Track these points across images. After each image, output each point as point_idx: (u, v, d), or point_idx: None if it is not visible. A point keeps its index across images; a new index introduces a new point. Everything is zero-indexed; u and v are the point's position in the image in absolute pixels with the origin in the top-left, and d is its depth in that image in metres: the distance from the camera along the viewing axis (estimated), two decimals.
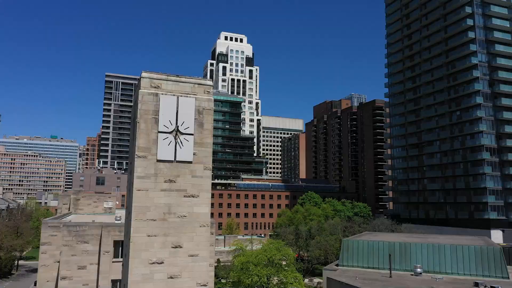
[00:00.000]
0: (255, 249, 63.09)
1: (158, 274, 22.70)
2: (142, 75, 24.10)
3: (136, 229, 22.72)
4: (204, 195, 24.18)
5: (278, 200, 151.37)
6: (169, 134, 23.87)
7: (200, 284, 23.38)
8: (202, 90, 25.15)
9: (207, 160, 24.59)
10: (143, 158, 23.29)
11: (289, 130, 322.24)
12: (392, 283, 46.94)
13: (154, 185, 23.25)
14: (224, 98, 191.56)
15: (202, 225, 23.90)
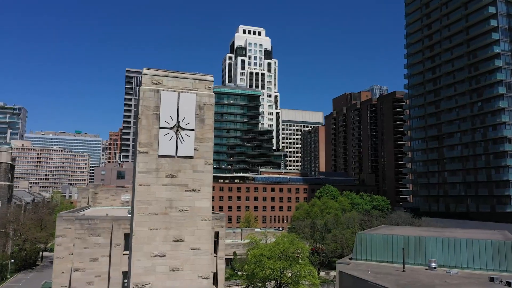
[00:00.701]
0: (269, 243, 63.38)
1: (160, 267, 23.23)
2: (143, 72, 24.50)
3: (138, 223, 23.27)
4: (205, 190, 24.52)
5: (296, 193, 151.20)
6: (170, 129, 24.25)
7: (202, 277, 23.79)
8: (203, 86, 25.38)
9: (208, 155, 24.87)
10: (145, 154, 23.77)
11: (309, 123, 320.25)
12: (405, 277, 46.47)
13: (156, 180, 23.72)
14: (242, 91, 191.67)
15: (203, 219, 24.27)
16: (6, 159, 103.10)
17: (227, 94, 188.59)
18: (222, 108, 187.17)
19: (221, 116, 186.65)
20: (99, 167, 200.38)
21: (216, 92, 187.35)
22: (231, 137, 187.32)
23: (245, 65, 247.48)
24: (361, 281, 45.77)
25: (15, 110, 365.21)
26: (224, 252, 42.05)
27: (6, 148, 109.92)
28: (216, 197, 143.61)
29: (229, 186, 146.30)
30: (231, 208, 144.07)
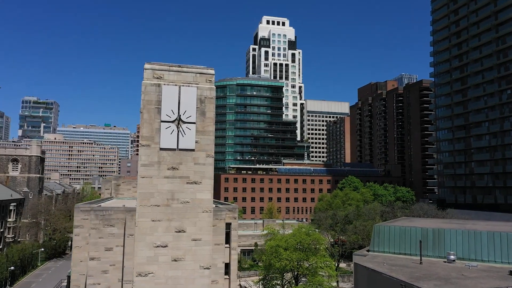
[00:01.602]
0: (287, 234, 63.50)
1: (163, 257, 23.90)
2: (144, 67, 24.98)
3: (141, 214, 23.96)
4: (206, 182, 24.93)
5: (320, 184, 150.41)
6: (171, 123, 24.72)
7: (203, 267, 24.32)
8: (204, 79, 25.66)
9: (209, 148, 25.23)
10: (147, 147, 24.36)
11: (335, 114, 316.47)
12: (421, 269, 45.79)
13: (158, 172, 24.30)
14: (265, 83, 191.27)
15: (204, 211, 24.72)
16: (36, 153, 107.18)
17: (250, 86, 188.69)
18: (246, 99, 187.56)
19: (245, 107, 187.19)
20: (124, 159, 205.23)
21: (239, 84, 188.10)
22: (255, 129, 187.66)
23: (269, 56, 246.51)
24: (375, 273, 45.46)
25: (48, 104, 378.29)
26: (236, 243, 42.47)
27: (36, 142, 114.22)
28: (239, 189, 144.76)
29: (252, 178, 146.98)
30: (254, 200, 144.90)
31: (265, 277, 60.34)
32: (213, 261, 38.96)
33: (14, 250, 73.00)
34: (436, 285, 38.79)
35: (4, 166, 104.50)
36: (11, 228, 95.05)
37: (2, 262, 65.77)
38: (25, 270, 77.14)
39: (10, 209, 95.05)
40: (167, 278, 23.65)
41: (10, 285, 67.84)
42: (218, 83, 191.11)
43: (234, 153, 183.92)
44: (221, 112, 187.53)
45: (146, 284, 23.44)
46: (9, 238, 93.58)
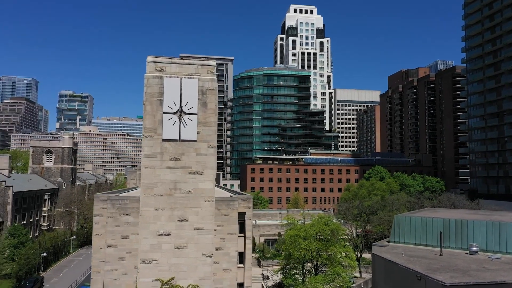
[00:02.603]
0: (307, 223, 63.39)
1: (166, 245, 24.61)
2: (147, 60, 25.54)
3: (145, 203, 24.71)
4: (208, 172, 25.36)
5: (347, 174, 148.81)
6: (173, 114, 25.23)
7: (206, 255, 24.87)
8: (206, 71, 25.97)
9: (211, 139, 25.60)
10: (150, 138, 25.00)
11: (365, 103, 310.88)
12: (440, 261, 44.80)
13: (161, 162, 24.93)
14: (292, 72, 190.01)
15: (206, 200, 25.20)
16: (68, 144, 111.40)
17: (277, 76, 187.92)
18: (273, 90, 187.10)
19: (272, 98, 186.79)
20: None
21: (266, 74, 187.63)
22: (282, 119, 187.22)
23: (297, 45, 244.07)
24: (392, 264, 44.94)
25: (83, 98, 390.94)
26: (251, 232, 42.78)
27: (68, 134, 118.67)
28: (266, 179, 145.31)
29: (278, 168, 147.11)
30: (281, 190, 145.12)
31: (285, 267, 60.71)
32: (226, 250, 39.71)
33: (47, 238, 76.61)
34: (452, 277, 37.96)
35: (39, 158, 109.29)
36: (46, 217, 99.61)
37: (35, 249, 69.22)
38: (58, 256, 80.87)
39: (45, 198, 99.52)
40: (170, 266, 24.36)
41: (43, 270, 71.43)
42: (244, 74, 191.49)
43: (262, 143, 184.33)
44: (248, 103, 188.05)
45: (150, 270, 24.25)
46: (44, 226, 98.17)
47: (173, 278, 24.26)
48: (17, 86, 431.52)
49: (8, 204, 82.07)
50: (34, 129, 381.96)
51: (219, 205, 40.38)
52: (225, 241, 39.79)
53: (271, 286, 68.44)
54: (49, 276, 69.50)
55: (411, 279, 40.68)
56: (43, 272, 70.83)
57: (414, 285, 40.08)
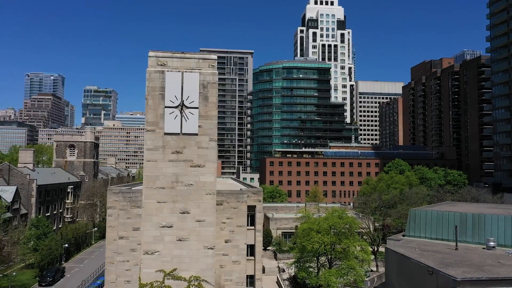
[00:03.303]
0: (320, 217, 63.15)
1: (168, 236, 25.05)
2: (149, 55, 25.87)
3: (147, 196, 25.17)
4: (209, 165, 25.60)
5: (367, 168, 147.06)
6: (175, 108, 25.53)
7: (207, 247, 25.19)
8: (207, 65, 26.12)
9: (212, 132, 25.80)
10: (152, 132, 25.40)
11: (388, 95, 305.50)
12: (454, 256, 43.96)
13: (163, 156, 25.31)
14: (312, 65, 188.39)
15: (208, 193, 25.47)
16: (90, 139, 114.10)
17: (296, 69, 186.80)
18: (292, 83, 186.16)
19: (291, 91, 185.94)
20: None
21: (285, 67, 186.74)
22: (302, 112, 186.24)
23: (317, 37, 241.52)
24: (404, 258, 44.39)
25: (107, 93, 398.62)
26: (261, 225, 43.04)
27: (90, 129, 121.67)
28: (284, 172, 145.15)
29: (297, 161, 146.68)
30: (300, 183, 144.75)
31: (299, 260, 60.80)
32: (235, 243, 40.04)
33: (69, 229, 79.00)
34: (465, 272, 37.23)
35: (62, 152, 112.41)
36: (69, 209, 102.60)
37: (57, 240, 71.53)
38: (79, 247, 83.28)
39: (68, 191, 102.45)
40: (172, 257, 24.79)
41: (65, 260, 73.76)
42: (264, 67, 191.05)
43: (281, 136, 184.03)
44: (268, 96, 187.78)
45: (153, 261, 24.75)
46: (67, 218, 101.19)
47: (176, 269, 24.68)
48: (44, 82, 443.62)
49: (32, 196, 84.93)
50: (61, 124, 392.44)
51: (228, 198, 40.73)
52: (234, 234, 40.14)
53: (287, 278, 68.71)
54: (71, 266, 71.74)
55: (423, 273, 40.12)
56: (65, 262, 73.14)
57: (426, 279, 39.53)
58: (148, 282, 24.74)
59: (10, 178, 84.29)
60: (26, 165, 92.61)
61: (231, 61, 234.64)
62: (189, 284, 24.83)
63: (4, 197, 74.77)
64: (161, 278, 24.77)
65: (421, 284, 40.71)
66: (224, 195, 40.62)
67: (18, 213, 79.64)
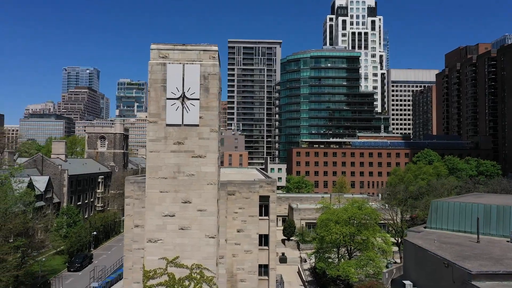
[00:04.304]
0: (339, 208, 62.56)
1: (170, 225, 25.67)
2: (151, 47, 26.34)
3: (150, 185, 25.84)
4: (210, 156, 25.94)
5: (396, 158, 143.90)
6: (176, 100, 25.96)
7: (209, 236, 25.65)
8: (208, 56, 26.34)
9: (213, 123, 26.08)
10: (154, 123, 25.96)
11: (422, 83, 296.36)
12: (474, 248, 42.66)
13: (165, 147, 25.86)
14: (340, 54, 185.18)
15: (209, 183, 25.86)
16: (119, 130, 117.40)
17: (324, 58, 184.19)
18: (320, 72, 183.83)
19: (319, 80, 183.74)
20: None
21: (313, 57, 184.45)
22: (330, 102, 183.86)
23: (347, 25, 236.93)
24: (421, 250, 43.55)
25: (139, 85, 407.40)
26: (275, 215, 43.24)
27: (119, 121, 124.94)
28: (311, 163, 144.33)
29: (324, 152, 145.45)
30: (327, 174, 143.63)
31: (318, 250, 60.65)
32: (247, 232, 40.50)
33: (97, 218, 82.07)
34: (482, 265, 36.17)
35: (93, 143, 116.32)
36: (100, 198, 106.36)
37: (86, 228, 74.51)
38: (108, 235, 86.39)
39: (99, 181, 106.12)
40: (175, 245, 25.41)
41: (94, 248, 76.80)
42: (291, 57, 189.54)
43: (309, 127, 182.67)
44: (295, 86, 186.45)
45: (156, 249, 25.46)
46: (98, 207, 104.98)
47: (178, 257, 25.32)
48: (80, 76, 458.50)
49: (64, 186, 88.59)
50: (96, 116, 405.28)
51: (240, 188, 41.14)
52: (246, 224, 40.60)
53: (307, 269, 68.80)
54: (99, 253, 74.64)
55: (439, 266, 39.25)
56: (94, 249, 76.16)
57: (442, 272, 38.67)
58: (151, 269, 25.54)
59: (43, 168, 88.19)
60: (58, 156, 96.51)
61: (259, 52, 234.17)
62: (191, 272, 25.46)
63: (37, 187, 78.31)
64: (164, 266, 25.52)
65: (438, 276, 39.86)
66: (236, 185, 41.08)
67: (51, 201, 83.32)
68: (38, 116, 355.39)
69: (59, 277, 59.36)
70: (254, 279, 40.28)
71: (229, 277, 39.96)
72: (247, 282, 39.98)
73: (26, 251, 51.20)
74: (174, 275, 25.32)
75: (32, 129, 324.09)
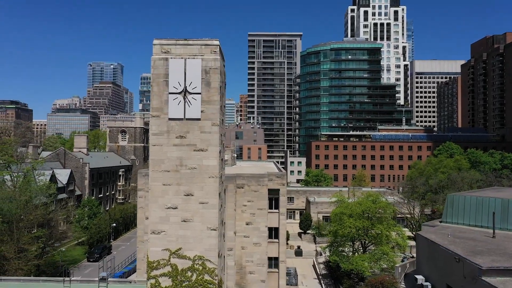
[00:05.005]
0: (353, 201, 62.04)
1: (173, 217, 26.20)
2: (153, 43, 26.77)
3: (153, 178, 26.40)
4: (212, 149, 26.27)
5: (418, 151, 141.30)
6: (178, 94, 26.36)
7: (210, 228, 26.06)
8: (209, 50, 26.58)
9: (214, 117, 26.37)
10: (157, 117, 26.45)
11: (448, 74, 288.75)
12: (488, 243, 41.76)
13: (167, 140, 26.33)
14: (361, 45, 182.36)
15: (211, 176, 26.22)
16: (140, 124, 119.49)
17: (345, 50, 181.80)
18: (340, 64, 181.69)
19: (339, 73, 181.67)
20: (226, 127, 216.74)
21: (334, 49, 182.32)
22: (351, 95, 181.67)
23: (369, 16, 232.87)
24: (433, 244, 43.02)
25: None
26: (285, 208, 43.49)
27: (139, 115, 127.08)
28: (331, 156, 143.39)
29: (344, 145, 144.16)
30: (346, 167, 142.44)
31: (332, 244, 60.48)
32: (256, 225, 40.88)
33: (116, 210, 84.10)
34: (493, 261, 35.52)
35: (115, 137, 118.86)
36: (121, 191, 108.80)
37: (106, 219, 76.50)
38: (128, 227, 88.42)
39: (119, 174, 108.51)
40: (177, 237, 25.94)
41: (113, 239, 78.82)
42: (311, 50, 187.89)
43: (329, 120, 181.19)
44: (315, 79, 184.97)
45: (159, 241, 26.05)
46: (119, 200, 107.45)
47: (180, 248, 25.84)
48: (105, 71, 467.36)
49: (85, 179, 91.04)
50: (120, 110, 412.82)
51: (249, 181, 41.47)
52: (255, 216, 40.96)
53: (322, 262, 68.79)
54: (118, 244, 76.58)
55: (450, 261, 38.64)
56: (113, 240, 78.16)
57: (453, 267, 38.09)
58: (155, 260, 26.17)
59: (65, 162, 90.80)
60: (80, 149, 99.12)
61: (279, 44, 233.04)
62: (193, 263, 25.97)
63: (60, 179, 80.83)
64: (167, 257, 26.10)
65: (449, 271, 39.29)
66: (245, 179, 41.45)
67: (73, 194, 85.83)
68: (64, 111, 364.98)
69: (78, 267, 61.31)
70: (263, 271, 40.69)
71: (238, 269, 40.49)
72: (256, 274, 40.43)
73: (47, 241, 52.97)
74: (177, 266, 25.87)
75: (59, 124, 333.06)
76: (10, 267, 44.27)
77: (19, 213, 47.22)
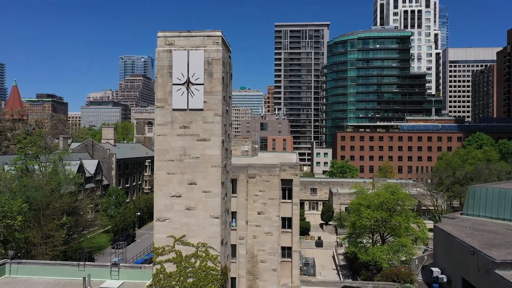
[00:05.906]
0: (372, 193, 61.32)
1: (177, 205, 26.94)
2: (157, 35, 27.38)
3: (158, 168, 27.18)
4: (214, 139, 26.75)
5: (448, 142, 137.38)
6: (181, 85, 26.92)
7: (213, 216, 26.65)
8: (211, 42, 26.93)
9: (217, 107, 26.79)
10: (161, 108, 27.14)
11: (484, 62, 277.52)
12: (508, 236, 40.61)
13: (171, 130, 27.00)
14: (389, 34, 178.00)
15: (213, 166, 26.74)
16: None
17: (372, 39, 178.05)
18: (368, 54, 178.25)
19: (367, 62, 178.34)
20: (244, 119, 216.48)
21: (361, 38, 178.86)
22: (378, 84, 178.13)
23: (399, 3, 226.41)
24: (449, 236, 42.24)
25: None
26: (298, 199, 43.56)
27: None
28: (356, 147, 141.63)
29: (370, 136, 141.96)
30: (372, 158, 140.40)
31: (350, 235, 60.20)
32: (267, 215, 41.24)
33: (141, 199, 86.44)
34: (509, 253, 34.54)
35: (141, 128, 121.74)
36: (148, 181, 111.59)
37: (131, 209, 78.92)
38: (152, 216, 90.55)
39: (146, 164, 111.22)
40: (181, 224, 26.68)
41: (138, 227, 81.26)
42: (338, 39, 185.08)
43: (356, 110, 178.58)
44: (342, 69, 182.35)
45: (164, 228, 26.90)
46: (146, 189, 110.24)
47: (184, 235, 26.57)
48: (135, 64, 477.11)
49: (112, 169, 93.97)
50: (151, 103, 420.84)
51: (260, 171, 41.78)
52: (266, 206, 41.31)
53: (342, 253, 68.61)
54: (142, 233, 78.93)
55: (465, 253, 37.86)
56: (138, 229, 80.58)
57: (468, 259, 37.32)
58: (160, 246, 27.05)
59: (93, 152, 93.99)
60: (108, 141, 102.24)
61: (306, 35, 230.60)
62: (197, 250, 26.67)
63: (88, 169, 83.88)
64: (172, 243, 26.91)
65: (464, 264, 38.50)
66: (256, 169, 41.78)
67: (101, 183, 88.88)
68: (97, 104, 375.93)
69: (103, 253, 63.76)
70: (274, 260, 41.09)
71: (250, 257, 41.07)
72: (267, 263, 40.90)
73: (72, 228, 55.28)
74: (181, 253, 26.63)
75: (92, 116, 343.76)
76: (37, 252, 46.60)
77: (45, 201, 49.44)
